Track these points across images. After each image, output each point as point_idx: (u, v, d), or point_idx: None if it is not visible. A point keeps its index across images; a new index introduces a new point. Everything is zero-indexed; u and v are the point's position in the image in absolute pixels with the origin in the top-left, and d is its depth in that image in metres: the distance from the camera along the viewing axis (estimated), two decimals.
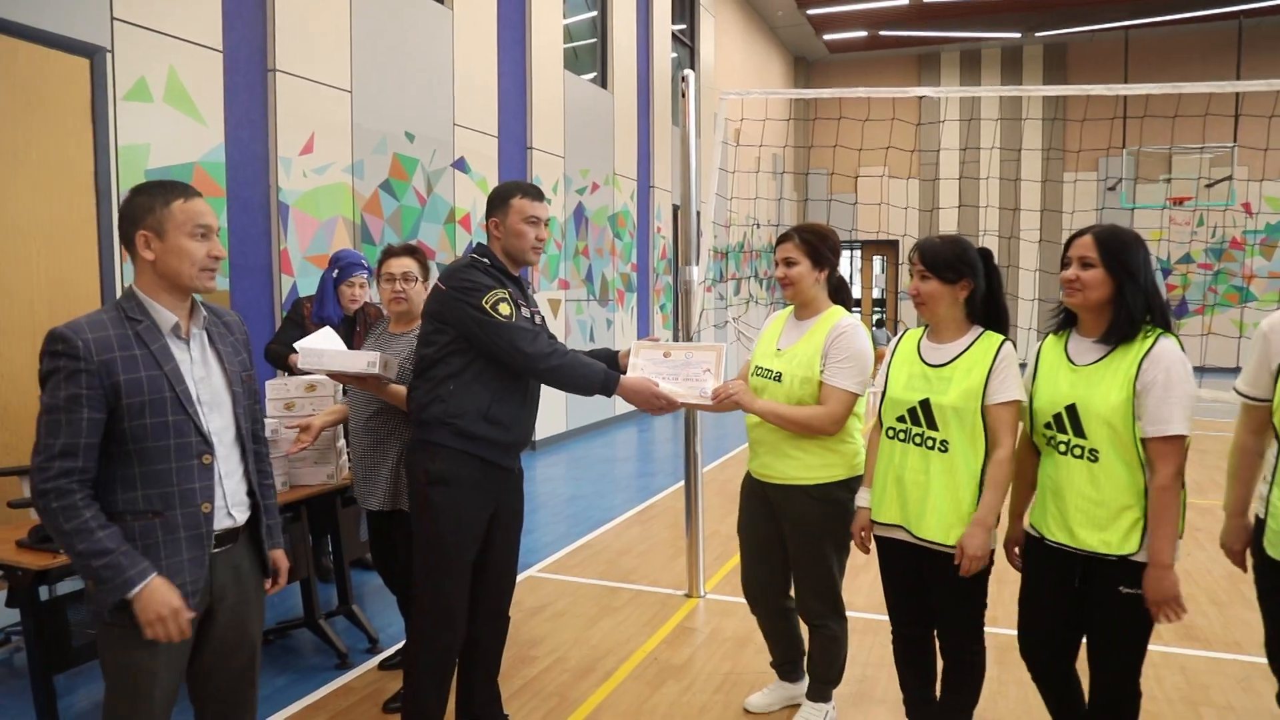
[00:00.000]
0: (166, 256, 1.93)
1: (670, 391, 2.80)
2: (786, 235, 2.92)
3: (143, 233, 1.93)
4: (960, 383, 2.50)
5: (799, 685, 3.18)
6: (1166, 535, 2.20)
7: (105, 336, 1.88)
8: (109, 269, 4.46)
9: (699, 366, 2.86)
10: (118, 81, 4.50)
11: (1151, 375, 2.21)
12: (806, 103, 17.09)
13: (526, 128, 8.50)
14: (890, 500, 2.60)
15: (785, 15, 15.26)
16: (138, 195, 1.96)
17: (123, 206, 1.97)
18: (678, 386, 2.83)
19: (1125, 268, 2.28)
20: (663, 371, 2.87)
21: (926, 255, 2.55)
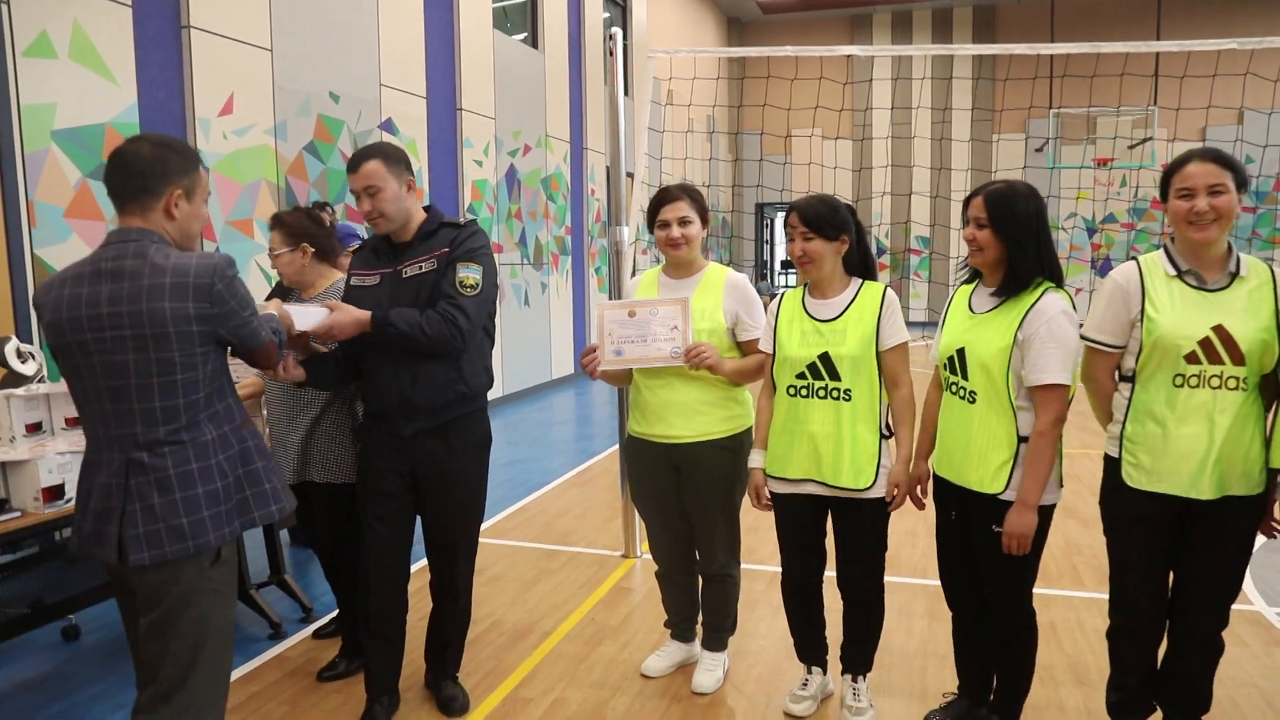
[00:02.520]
0: (189, 220, 2.01)
1: (639, 356, 2.79)
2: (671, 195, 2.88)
3: (176, 190, 1.96)
4: (855, 332, 2.62)
5: (693, 644, 3.26)
6: (1035, 477, 2.35)
7: None
8: (15, 231, 4.27)
9: (665, 324, 2.78)
10: (16, 36, 4.27)
11: (1034, 327, 2.35)
12: (738, 62, 17.06)
13: (455, 88, 8.32)
14: (799, 456, 2.67)
15: None
16: (170, 151, 1.97)
17: (148, 157, 1.95)
18: (646, 349, 2.79)
19: (1013, 227, 2.40)
20: (629, 334, 2.81)
21: (808, 215, 2.63)
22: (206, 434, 1.96)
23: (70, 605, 3.36)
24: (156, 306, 1.86)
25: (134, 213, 1.95)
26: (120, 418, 1.92)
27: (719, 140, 16.62)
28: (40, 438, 3.00)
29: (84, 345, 1.90)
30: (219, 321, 1.95)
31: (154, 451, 1.91)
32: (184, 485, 1.91)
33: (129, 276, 1.87)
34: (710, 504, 2.93)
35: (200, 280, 1.90)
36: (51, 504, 2.74)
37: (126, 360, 1.88)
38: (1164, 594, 2.39)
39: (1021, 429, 2.37)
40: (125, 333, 1.87)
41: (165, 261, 1.89)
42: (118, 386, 1.90)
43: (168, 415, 1.91)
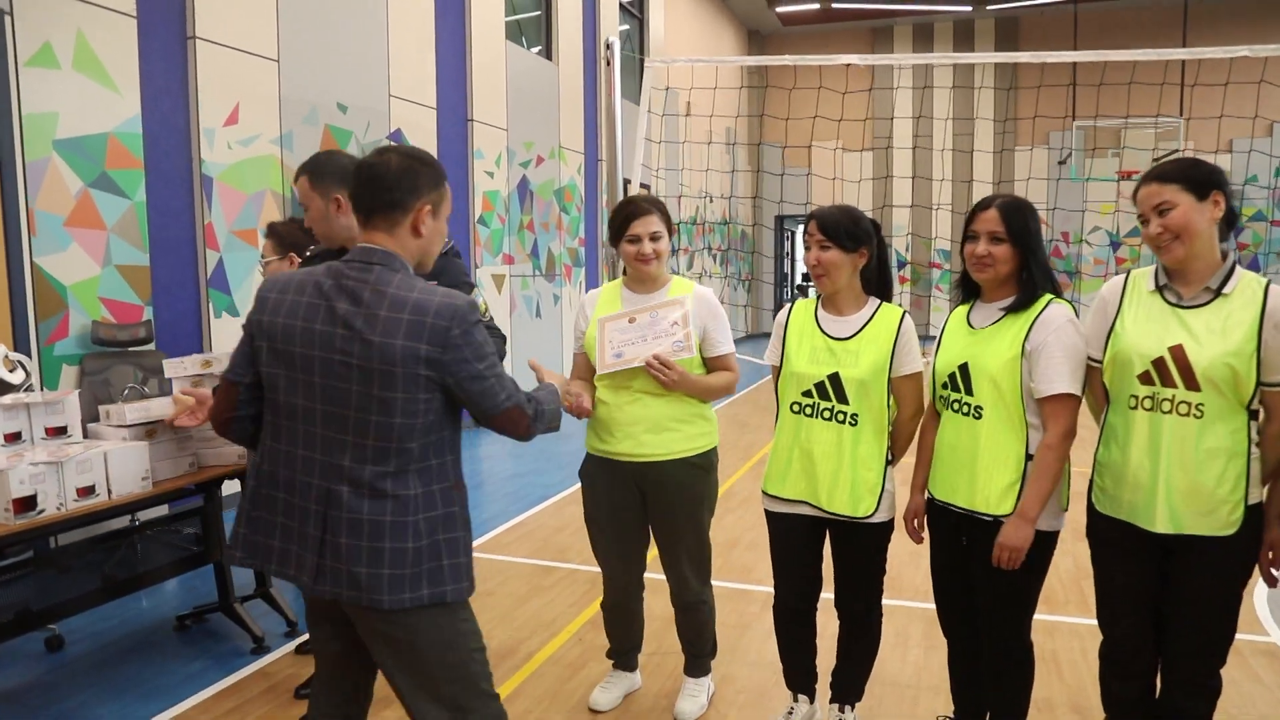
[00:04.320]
0: (433, 237, 1.92)
1: (641, 355, 2.67)
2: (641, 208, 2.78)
3: (425, 206, 1.87)
4: (868, 356, 2.52)
5: (634, 673, 3.18)
6: (1038, 491, 2.26)
7: None
8: (15, 240, 4.28)
9: (666, 321, 2.70)
10: (19, 46, 4.29)
11: (1041, 337, 2.26)
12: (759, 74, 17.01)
13: (466, 99, 8.32)
14: (795, 475, 2.59)
15: None
16: (420, 164, 1.87)
17: (397, 170, 1.83)
18: (648, 347, 2.68)
19: (1029, 240, 2.33)
20: (630, 338, 2.72)
21: (826, 224, 2.52)
22: (411, 488, 1.82)
23: (53, 614, 3.31)
24: (389, 343, 1.75)
25: (380, 228, 1.84)
26: (329, 445, 1.82)
27: (738, 152, 16.55)
28: (19, 447, 2.98)
29: (308, 361, 1.81)
30: (446, 369, 1.80)
31: (355, 490, 1.80)
32: (373, 535, 1.79)
33: (367, 304, 1.77)
34: (683, 526, 2.84)
35: (438, 322, 1.77)
36: (23, 515, 2.71)
37: (349, 390, 1.78)
38: (1146, 625, 2.26)
39: (1032, 446, 2.28)
40: (353, 361, 1.77)
41: (408, 295, 1.78)
42: (335, 414, 1.80)
43: (378, 456, 1.80)
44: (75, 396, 3.11)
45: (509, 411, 1.91)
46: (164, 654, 3.54)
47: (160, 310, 5.12)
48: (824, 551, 2.68)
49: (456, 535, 1.90)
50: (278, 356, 1.84)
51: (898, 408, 2.58)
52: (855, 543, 2.58)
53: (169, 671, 3.39)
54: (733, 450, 7.24)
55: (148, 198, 4.98)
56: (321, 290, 1.82)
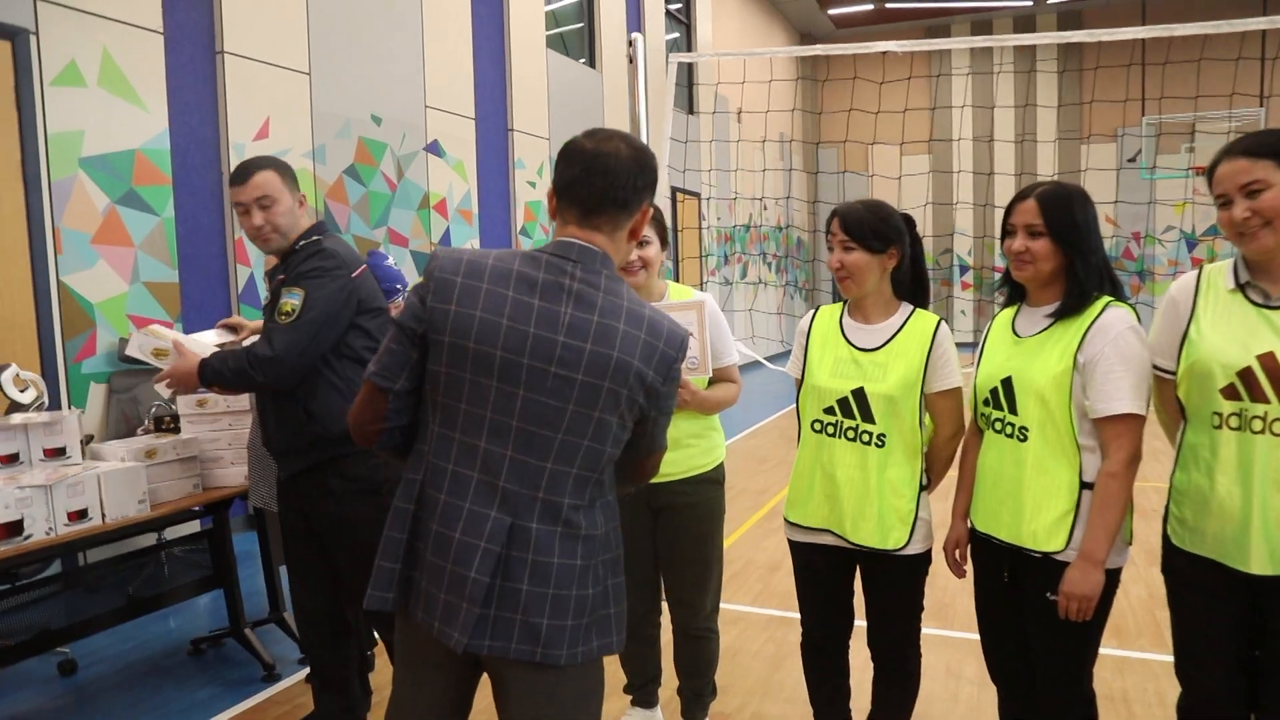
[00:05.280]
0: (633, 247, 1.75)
1: None
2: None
3: (650, 209, 1.68)
4: (897, 369, 2.25)
5: (656, 710, 2.92)
6: (1102, 527, 1.95)
7: None
8: (41, 258, 4.26)
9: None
10: (45, 65, 4.28)
11: (1097, 347, 1.96)
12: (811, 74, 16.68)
13: (506, 109, 8.22)
14: (817, 501, 2.34)
15: None
16: (649, 159, 1.65)
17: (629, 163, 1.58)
18: None
19: (1075, 235, 2.03)
20: None
21: (849, 222, 2.26)
22: (599, 525, 1.61)
23: (66, 635, 3.22)
24: (626, 360, 1.53)
25: (602, 229, 1.58)
26: (523, 472, 1.54)
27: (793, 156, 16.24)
28: (15, 469, 2.89)
29: (512, 370, 1.52)
30: (657, 401, 1.61)
31: (548, 527, 1.54)
32: (562, 581, 1.54)
33: (602, 311, 1.53)
34: (698, 546, 2.63)
35: (668, 350, 1.59)
36: (8, 540, 2.61)
37: (563, 409, 1.52)
38: (1236, 678, 1.92)
39: (1086, 473, 1.99)
40: (577, 376, 1.52)
41: (641, 311, 1.57)
42: (538, 435, 1.53)
43: (578, 489, 1.57)
44: (74, 417, 3.01)
45: (660, 454, 1.75)
46: (175, 679, 3.44)
47: (190, 327, 5.07)
48: (855, 583, 2.43)
49: (622, 580, 1.68)
50: (467, 358, 1.52)
51: (934, 427, 2.32)
52: (886, 578, 2.31)
53: (179, 698, 3.28)
54: (781, 466, 6.96)
55: (176, 214, 4.95)
56: (532, 286, 1.53)
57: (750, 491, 6.23)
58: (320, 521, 2.54)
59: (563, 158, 1.59)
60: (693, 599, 2.67)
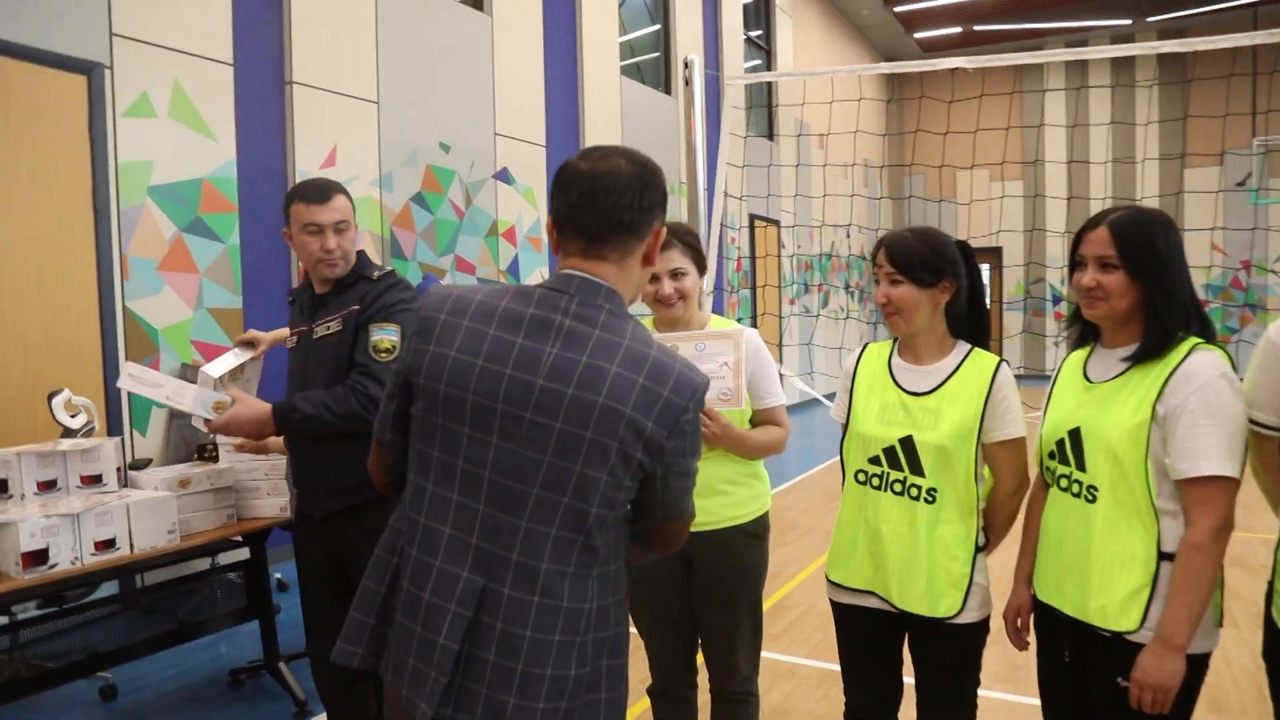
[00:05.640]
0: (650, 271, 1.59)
1: None
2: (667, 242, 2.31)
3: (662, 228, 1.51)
4: (951, 415, 2.02)
5: None
6: (1184, 607, 1.68)
7: None
8: (107, 285, 4.35)
9: (715, 359, 2.31)
10: (117, 98, 4.39)
11: (1181, 397, 1.70)
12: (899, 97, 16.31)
13: (578, 136, 8.20)
14: (860, 559, 2.12)
15: (871, 14, 14.56)
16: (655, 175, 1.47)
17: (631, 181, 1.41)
18: None
19: (1154, 266, 1.78)
20: None
21: (896, 252, 2.05)
22: (589, 598, 1.40)
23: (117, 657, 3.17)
24: (615, 407, 1.34)
25: (608, 258, 1.42)
26: (497, 529, 1.38)
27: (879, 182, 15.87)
28: (52, 495, 2.88)
29: (486, 415, 1.37)
30: (663, 458, 1.39)
31: (523, 593, 1.36)
32: (533, 657, 1.35)
33: (593, 351, 1.35)
34: (735, 603, 2.41)
35: (675, 400, 1.37)
36: (32, 569, 2.59)
37: (539, 461, 1.35)
38: None
39: (1165, 542, 1.74)
40: (555, 424, 1.34)
41: (645, 352, 1.37)
42: (512, 490, 1.37)
43: (559, 553, 1.37)
44: (111, 445, 3.01)
45: (685, 522, 1.53)
46: (210, 710, 3.40)
47: None
48: (905, 652, 2.20)
49: (621, 662, 1.48)
50: (441, 402, 1.40)
51: (994, 481, 2.09)
52: (936, 648, 2.08)
53: None
54: None
55: (241, 241, 5.02)
56: (518, 323, 1.38)
57: (820, 531, 5.96)
58: (355, 561, 2.44)
59: (558, 184, 1.44)
60: (726, 657, 2.46)
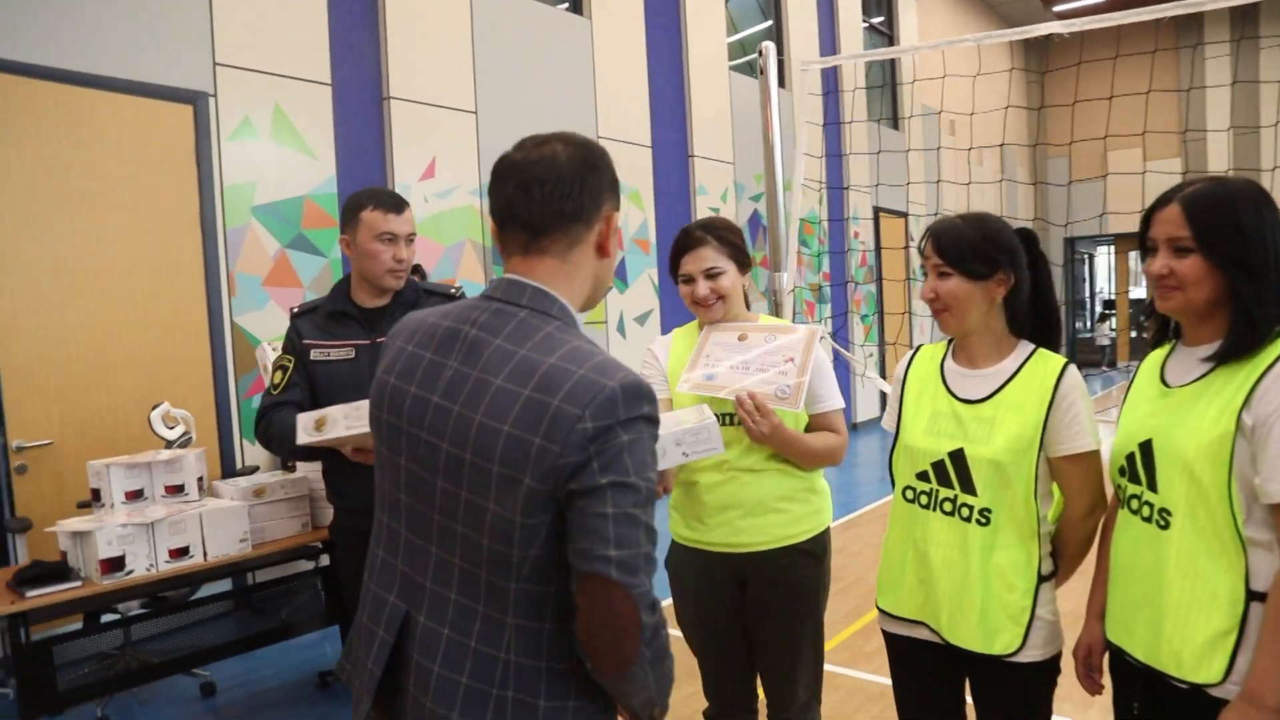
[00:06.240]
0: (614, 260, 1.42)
1: (733, 386, 2.14)
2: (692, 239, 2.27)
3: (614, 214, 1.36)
4: (1008, 426, 1.79)
5: None
6: (1275, 657, 1.40)
7: None
8: (216, 304, 4.59)
9: (781, 355, 2.17)
10: (221, 124, 4.63)
11: (1273, 404, 1.43)
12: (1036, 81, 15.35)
13: (686, 135, 8.10)
14: (909, 586, 1.92)
15: None
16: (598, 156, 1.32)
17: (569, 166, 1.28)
18: (746, 379, 2.15)
19: (1239, 248, 1.50)
20: (733, 360, 2.19)
21: (944, 241, 1.83)
22: (503, 650, 1.20)
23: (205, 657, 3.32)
24: (491, 425, 1.17)
25: (551, 250, 1.29)
26: (413, 555, 1.29)
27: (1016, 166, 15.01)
28: (139, 504, 3.04)
29: (395, 435, 1.30)
30: (561, 477, 1.14)
31: (434, 622, 1.25)
32: (439, 696, 1.22)
33: (485, 365, 1.21)
34: (792, 627, 2.25)
35: (567, 408, 1.14)
36: (110, 575, 2.73)
37: (433, 485, 1.24)
38: None
39: (1255, 579, 1.46)
40: (443, 445, 1.22)
41: (542, 360, 1.19)
42: (421, 514, 1.27)
43: (466, 587, 1.22)
44: (193, 456, 3.15)
45: (611, 585, 1.11)
46: (301, 709, 3.51)
47: None
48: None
49: None
50: (379, 428, 1.34)
51: (1063, 501, 1.85)
52: (997, 690, 1.85)
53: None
54: None
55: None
56: (433, 336, 1.30)
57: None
58: None
59: (494, 179, 1.33)
60: (784, 684, 2.30)
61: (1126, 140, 12.15)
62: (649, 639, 1.14)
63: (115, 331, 4.19)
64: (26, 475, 3.91)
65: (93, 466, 3.00)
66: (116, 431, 4.16)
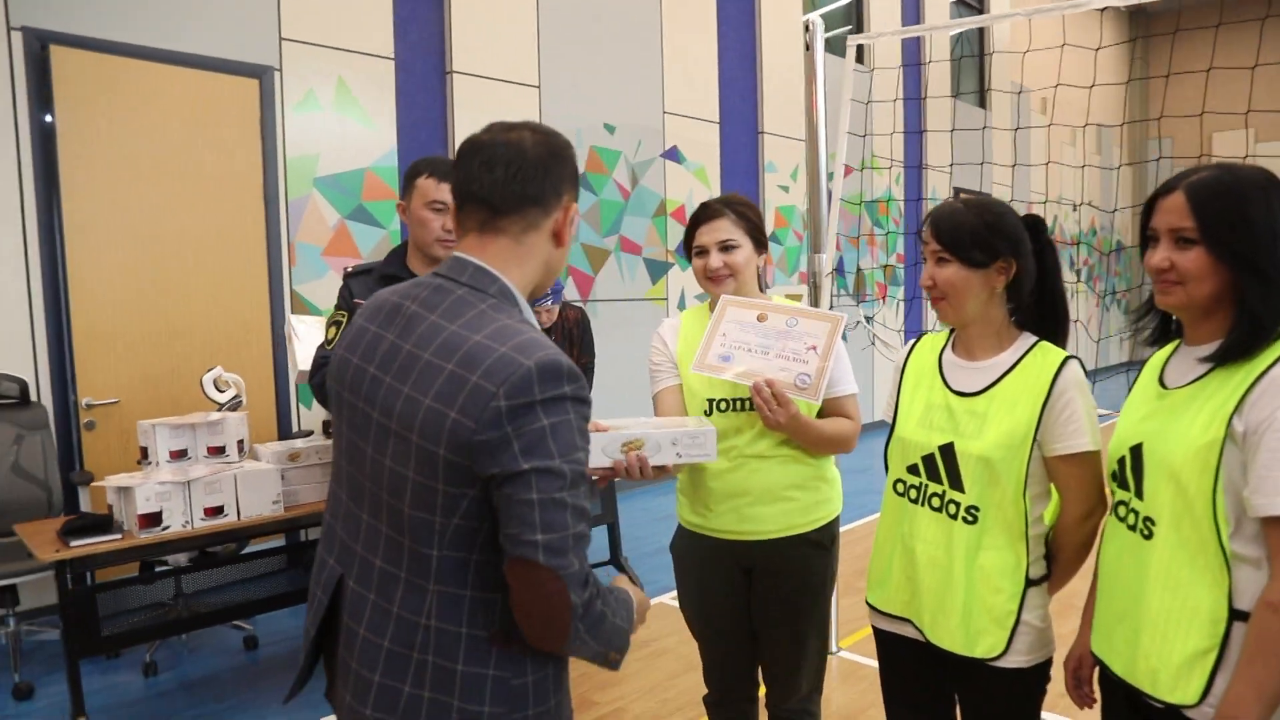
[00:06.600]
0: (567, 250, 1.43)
1: (751, 370, 2.04)
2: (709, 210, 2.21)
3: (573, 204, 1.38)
4: (999, 421, 1.72)
5: None
6: (1251, 683, 1.31)
7: None
8: (276, 273, 4.73)
9: (802, 341, 2.06)
10: (285, 97, 4.75)
11: (1266, 410, 1.33)
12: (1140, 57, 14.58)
13: (757, 111, 7.96)
14: (896, 582, 1.87)
15: None
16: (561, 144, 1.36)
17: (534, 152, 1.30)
18: (766, 364, 2.05)
19: (1245, 241, 1.39)
20: (750, 343, 2.08)
21: (943, 226, 1.76)
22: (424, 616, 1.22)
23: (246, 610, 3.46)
24: (414, 398, 1.20)
25: (507, 230, 1.30)
26: (349, 520, 1.32)
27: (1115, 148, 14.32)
28: (183, 463, 3.17)
29: (340, 404, 1.35)
30: (478, 458, 1.15)
31: (361, 586, 1.28)
32: (363, 658, 1.26)
33: (419, 339, 1.24)
34: (797, 617, 2.20)
35: (484, 384, 1.15)
36: (147, 530, 2.87)
37: (365, 451, 1.27)
38: None
39: (1239, 597, 1.36)
40: (373, 414, 1.26)
41: (469, 336, 1.20)
42: (355, 480, 1.30)
43: (390, 553, 1.25)
44: (235, 419, 3.26)
45: (538, 571, 1.13)
46: None
47: None
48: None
49: (488, 710, 1.21)
50: (333, 399, 1.38)
51: (1060, 504, 1.77)
52: (981, 696, 1.79)
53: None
54: None
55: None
56: (380, 310, 1.34)
57: None
58: None
59: (459, 156, 1.35)
60: (786, 674, 2.26)
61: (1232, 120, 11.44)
62: (581, 614, 1.17)
63: (180, 297, 4.37)
64: (95, 431, 4.12)
65: (142, 426, 3.14)
66: (178, 392, 4.35)
